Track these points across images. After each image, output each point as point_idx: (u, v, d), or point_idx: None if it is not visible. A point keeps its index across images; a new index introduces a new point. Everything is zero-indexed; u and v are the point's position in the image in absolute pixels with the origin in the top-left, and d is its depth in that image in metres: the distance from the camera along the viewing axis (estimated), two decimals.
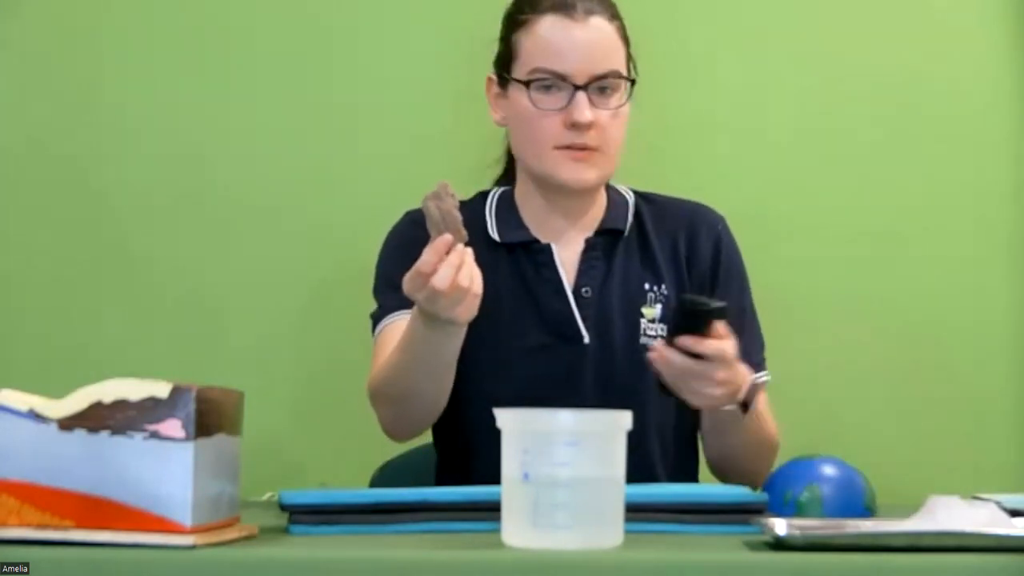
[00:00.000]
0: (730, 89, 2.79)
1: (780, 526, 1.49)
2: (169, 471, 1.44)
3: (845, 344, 2.75)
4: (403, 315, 2.04)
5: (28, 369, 2.69)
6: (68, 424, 1.46)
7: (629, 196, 2.22)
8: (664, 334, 2.05)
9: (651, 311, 2.14)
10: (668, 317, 2.11)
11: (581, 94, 2.07)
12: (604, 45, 2.10)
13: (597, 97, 2.09)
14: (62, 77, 2.76)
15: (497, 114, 2.17)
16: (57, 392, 1.49)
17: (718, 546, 1.50)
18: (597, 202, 2.19)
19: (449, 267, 1.81)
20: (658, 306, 2.15)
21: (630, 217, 2.19)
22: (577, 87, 2.07)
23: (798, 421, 2.30)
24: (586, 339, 2.12)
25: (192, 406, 1.44)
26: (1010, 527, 1.48)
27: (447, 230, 1.82)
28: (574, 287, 2.15)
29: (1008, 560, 1.40)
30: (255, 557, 1.44)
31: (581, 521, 1.43)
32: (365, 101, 2.77)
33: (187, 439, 1.44)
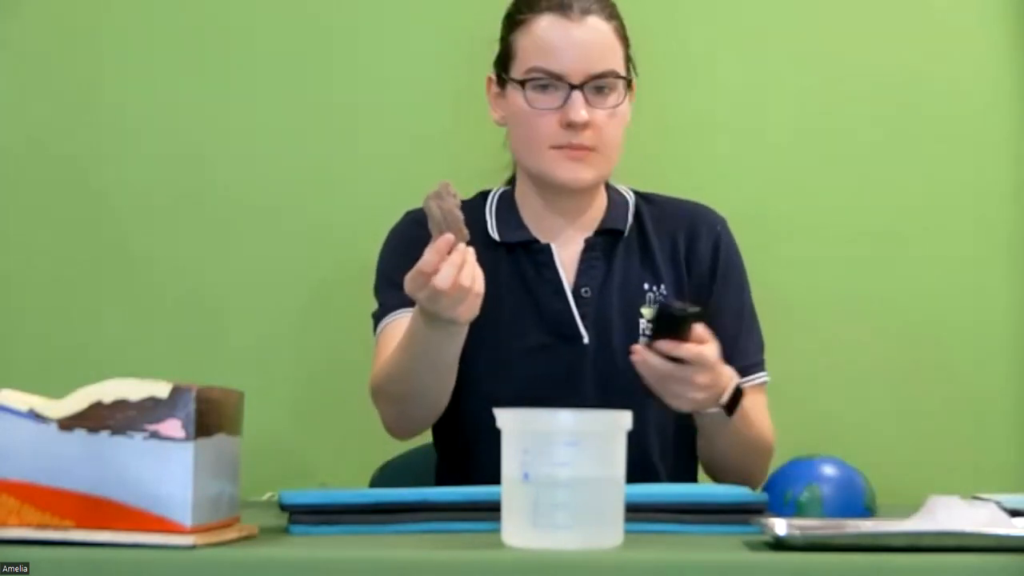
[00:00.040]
0: (730, 89, 2.78)
1: (780, 526, 1.49)
2: (169, 471, 1.44)
3: (845, 344, 2.75)
4: (404, 314, 2.04)
5: (28, 369, 2.68)
6: (68, 424, 1.46)
7: (629, 196, 2.22)
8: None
9: (650, 311, 2.14)
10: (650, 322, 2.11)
11: (577, 93, 2.07)
12: (601, 44, 2.09)
13: (594, 97, 2.08)
14: (62, 77, 2.76)
15: (497, 114, 2.17)
16: (57, 392, 1.49)
17: (718, 546, 1.50)
18: (597, 202, 2.19)
19: (451, 266, 1.81)
20: (657, 307, 2.15)
21: (630, 217, 2.19)
22: (573, 86, 2.07)
23: (798, 421, 2.30)
24: (586, 339, 2.12)
25: (192, 406, 1.44)
26: (1010, 527, 1.48)
27: (449, 229, 1.82)
28: (574, 287, 2.15)
29: (1008, 560, 1.40)
30: (255, 557, 1.44)
31: (581, 521, 1.43)
32: (365, 101, 2.77)
33: (187, 439, 1.44)
